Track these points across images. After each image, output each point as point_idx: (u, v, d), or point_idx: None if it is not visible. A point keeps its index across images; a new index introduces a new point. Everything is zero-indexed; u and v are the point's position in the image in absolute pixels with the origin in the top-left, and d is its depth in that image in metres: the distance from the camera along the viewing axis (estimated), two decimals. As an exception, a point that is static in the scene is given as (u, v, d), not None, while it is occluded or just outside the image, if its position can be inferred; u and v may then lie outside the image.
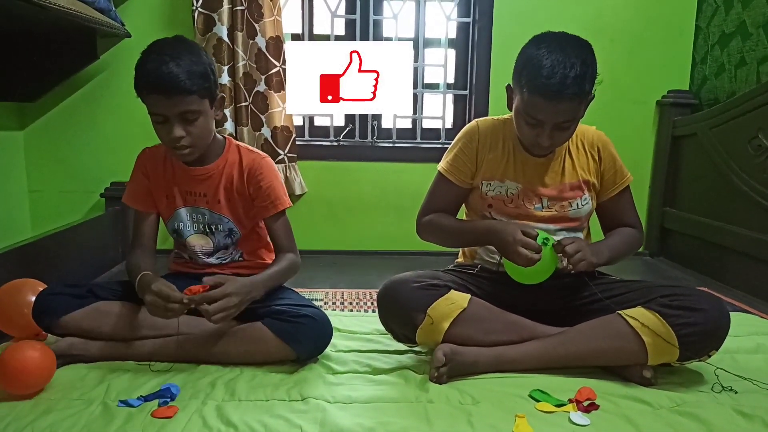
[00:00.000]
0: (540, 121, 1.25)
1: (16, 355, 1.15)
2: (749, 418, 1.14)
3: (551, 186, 1.40)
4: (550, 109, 1.22)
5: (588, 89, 1.24)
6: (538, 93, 1.22)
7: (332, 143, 2.61)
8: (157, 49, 1.30)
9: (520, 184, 1.40)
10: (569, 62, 1.20)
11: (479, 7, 2.54)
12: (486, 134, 1.43)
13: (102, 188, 2.42)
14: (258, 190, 1.43)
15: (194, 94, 1.29)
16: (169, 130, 1.30)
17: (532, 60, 1.23)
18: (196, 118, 1.31)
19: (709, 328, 1.23)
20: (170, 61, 1.26)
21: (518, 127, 1.33)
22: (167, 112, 1.29)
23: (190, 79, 1.27)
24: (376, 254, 2.60)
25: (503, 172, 1.41)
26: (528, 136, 1.31)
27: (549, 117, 1.24)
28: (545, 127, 1.26)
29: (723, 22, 2.41)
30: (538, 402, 1.19)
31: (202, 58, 1.33)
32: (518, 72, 1.28)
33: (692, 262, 2.47)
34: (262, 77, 2.33)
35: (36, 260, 1.73)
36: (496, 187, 1.41)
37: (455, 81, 2.68)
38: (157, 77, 1.26)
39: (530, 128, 1.28)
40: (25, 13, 1.82)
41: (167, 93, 1.27)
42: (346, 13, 2.56)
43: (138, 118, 2.41)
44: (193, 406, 1.15)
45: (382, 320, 1.39)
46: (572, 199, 1.41)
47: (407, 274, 1.36)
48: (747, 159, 2.12)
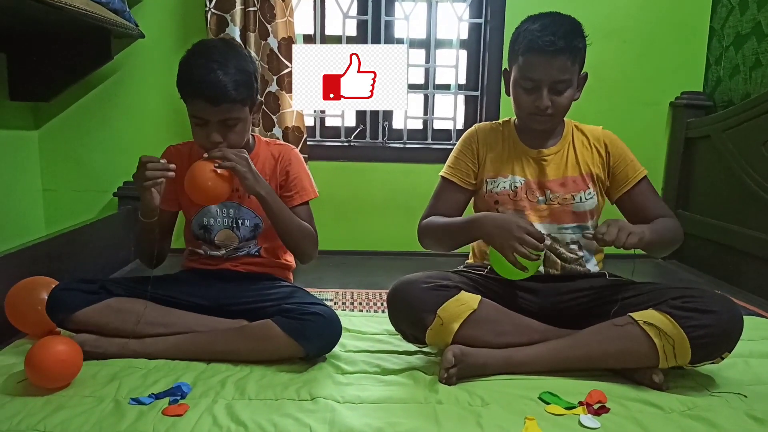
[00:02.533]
0: (537, 83, 1.32)
1: (47, 349, 1.18)
2: (762, 423, 1.13)
3: (554, 179, 1.42)
4: (544, 65, 1.30)
5: (578, 47, 1.33)
6: (532, 50, 1.31)
7: (343, 144, 2.62)
8: (206, 53, 1.32)
9: (524, 177, 1.43)
10: (559, 21, 1.33)
11: (491, 8, 2.54)
12: (485, 135, 1.48)
13: (115, 187, 2.44)
14: (285, 180, 1.49)
15: (238, 103, 1.32)
16: (208, 134, 1.33)
17: (523, 28, 1.36)
18: (235, 124, 1.35)
19: (721, 329, 1.22)
20: (218, 69, 1.28)
21: (517, 101, 1.38)
22: (209, 118, 1.32)
23: (236, 89, 1.30)
24: (386, 255, 2.60)
25: (506, 168, 1.44)
26: (526, 105, 1.35)
27: (544, 73, 1.31)
28: (542, 87, 1.32)
29: (738, 23, 2.39)
30: (548, 404, 1.18)
31: (248, 66, 1.35)
32: (512, 45, 1.39)
33: (706, 266, 2.44)
34: (274, 78, 2.33)
35: (49, 259, 1.75)
36: (500, 182, 1.44)
37: (467, 82, 2.67)
38: (205, 84, 1.28)
39: (528, 94, 1.34)
40: (40, 14, 1.84)
41: (213, 101, 1.29)
42: (357, 14, 2.56)
43: (151, 118, 2.45)
44: (204, 405, 1.15)
45: (392, 321, 1.39)
46: (575, 192, 1.41)
47: (417, 274, 1.36)
48: (762, 162, 2.09)
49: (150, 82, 2.43)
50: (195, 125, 1.35)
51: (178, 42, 2.40)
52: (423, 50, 2.63)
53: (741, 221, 2.21)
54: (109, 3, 2.03)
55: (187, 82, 1.32)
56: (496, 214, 1.33)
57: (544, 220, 1.42)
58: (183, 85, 1.33)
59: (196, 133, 1.36)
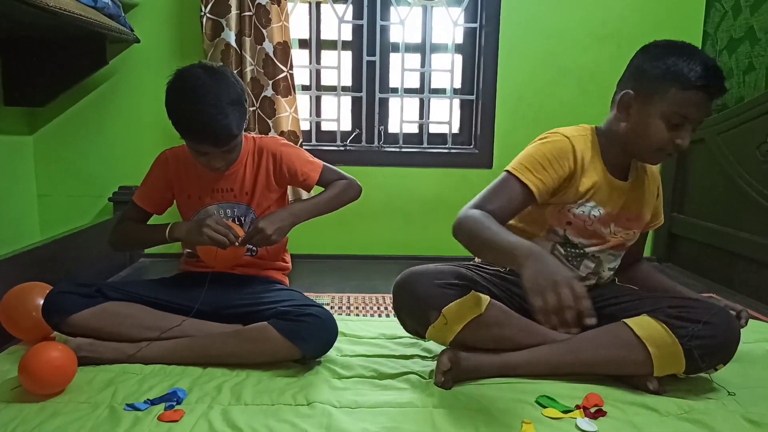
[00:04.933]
0: (686, 121, 1.24)
1: (41, 355, 1.17)
2: (757, 425, 1.13)
3: (629, 214, 1.39)
4: (706, 105, 1.24)
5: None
6: (699, 88, 1.21)
7: (339, 148, 2.62)
8: (196, 94, 1.31)
9: (604, 208, 1.35)
10: (713, 62, 1.24)
11: (486, 13, 2.55)
12: (582, 153, 1.32)
13: (110, 192, 2.44)
14: (292, 170, 1.53)
15: (239, 136, 1.38)
16: (209, 160, 1.39)
17: (679, 61, 1.22)
18: (234, 146, 1.40)
19: (716, 342, 1.21)
20: (217, 114, 1.31)
21: (651, 131, 1.26)
22: (211, 152, 1.37)
23: (238, 127, 1.35)
24: (383, 259, 2.60)
25: (594, 195, 1.34)
26: (662, 140, 1.25)
27: (702, 114, 1.24)
28: (687, 126, 1.24)
29: (731, 28, 2.41)
30: (544, 408, 1.18)
31: (238, 93, 1.37)
32: (661, 74, 1.24)
33: (700, 268, 2.45)
34: (270, 82, 2.33)
35: (44, 264, 1.74)
36: (582, 206, 1.34)
37: (462, 86, 2.68)
38: (208, 133, 1.33)
39: (670, 130, 1.24)
40: (35, 19, 1.83)
41: (219, 144, 1.35)
42: (353, 19, 2.57)
43: (146, 123, 2.45)
44: (200, 410, 1.15)
45: (395, 309, 1.34)
46: (637, 229, 1.42)
47: (429, 266, 1.31)
48: (755, 164, 2.11)
49: (145, 87, 2.43)
50: (196, 153, 1.40)
51: (174, 47, 2.40)
52: (418, 54, 2.64)
53: (735, 224, 2.22)
54: (104, 8, 2.03)
55: (187, 128, 1.35)
56: (549, 258, 1.06)
57: (606, 251, 1.40)
58: (182, 130, 1.36)
59: (197, 158, 1.41)
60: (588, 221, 1.35)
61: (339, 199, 1.55)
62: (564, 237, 1.37)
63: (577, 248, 1.38)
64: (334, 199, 1.54)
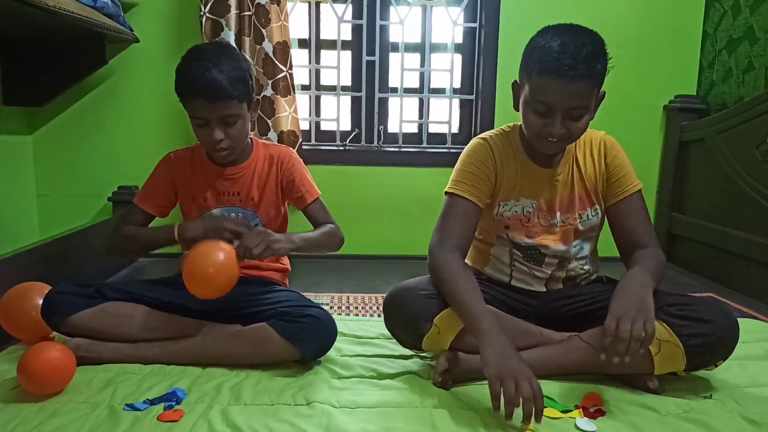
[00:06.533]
0: (551, 108, 1.19)
1: (40, 355, 1.17)
2: (757, 425, 1.13)
3: (564, 199, 1.37)
4: (561, 90, 1.17)
5: (600, 71, 1.19)
6: (549, 72, 1.16)
7: (338, 148, 2.62)
8: (199, 55, 1.36)
9: (535, 200, 1.35)
10: (580, 41, 1.17)
11: (485, 13, 2.55)
12: (499, 152, 1.36)
13: (109, 192, 2.44)
14: (291, 183, 1.51)
15: (235, 99, 1.35)
16: (210, 133, 1.36)
17: (541, 43, 1.20)
18: (235, 121, 1.38)
19: (716, 339, 1.21)
20: (213, 68, 1.31)
21: (526, 120, 1.26)
22: (209, 116, 1.35)
23: (231, 84, 1.33)
24: (382, 259, 2.59)
25: (518, 190, 1.35)
26: (536, 128, 1.23)
27: (560, 99, 1.18)
28: (556, 113, 1.20)
29: (731, 27, 2.41)
30: (544, 408, 1.18)
31: (241, 63, 1.39)
32: (526, 60, 1.24)
33: (700, 268, 2.45)
34: (269, 82, 2.33)
35: (43, 264, 1.74)
36: (512, 206, 1.36)
37: (461, 86, 2.68)
38: (201, 83, 1.31)
39: (539, 118, 1.22)
40: (34, 19, 1.83)
41: (211, 98, 1.32)
42: (352, 19, 2.57)
43: (146, 123, 2.45)
44: (199, 410, 1.15)
45: (388, 327, 1.37)
46: (582, 210, 1.38)
47: (414, 280, 1.34)
48: (755, 164, 2.11)
49: (144, 86, 2.42)
50: (196, 126, 1.38)
51: (173, 47, 2.40)
52: (418, 54, 2.64)
53: (735, 224, 2.22)
54: (103, 7, 2.03)
55: (183, 83, 1.35)
56: (509, 346, 1.13)
57: (558, 243, 1.37)
58: (180, 87, 1.36)
59: (199, 134, 1.39)
60: (524, 218, 1.36)
61: (327, 243, 1.49)
62: (511, 241, 1.38)
63: (532, 248, 1.38)
64: (323, 240, 1.48)
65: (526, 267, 1.40)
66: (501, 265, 1.43)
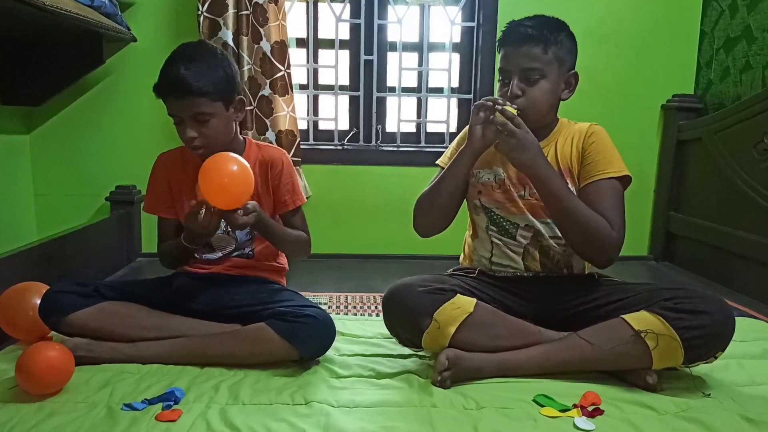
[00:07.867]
0: (508, 73, 1.34)
1: (38, 355, 1.17)
2: (755, 424, 1.13)
3: None
4: (513, 53, 1.33)
5: (552, 39, 1.32)
6: (504, 40, 1.36)
7: (337, 147, 2.62)
8: (174, 54, 1.38)
9: (505, 171, 1.42)
10: (537, 16, 1.36)
11: (483, 12, 2.55)
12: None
13: (107, 192, 2.43)
14: (278, 185, 1.49)
15: (204, 97, 1.33)
16: (183, 131, 1.36)
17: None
18: (207, 119, 1.36)
19: (713, 330, 1.22)
20: (182, 65, 1.32)
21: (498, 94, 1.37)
22: (180, 114, 1.35)
23: (198, 82, 1.32)
24: (380, 258, 2.59)
25: (491, 159, 1.43)
26: (502, 96, 1.34)
27: (513, 62, 1.33)
28: (513, 77, 1.33)
29: (728, 27, 2.41)
30: (542, 407, 1.18)
31: (218, 62, 1.37)
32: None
33: (697, 267, 2.45)
34: (267, 81, 2.33)
35: (41, 263, 1.73)
36: (485, 174, 1.44)
37: (459, 85, 2.68)
38: (168, 80, 1.33)
39: (502, 87, 1.36)
40: (32, 18, 1.83)
41: (176, 95, 1.33)
42: (350, 18, 2.57)
43: (143, 122, 2.44)
44: (197, 410, 1.15)
45: (387, 325, 1.38)
46: None
47: (412, 278, 1.36)
48: (752, 163, 2.11)
49: (142, 86, 2.39)
50: (174, 123, 1.38)
51: (171, 46, 2.33)
52: (416, 53, 2.64)
53: (732, 223, 2.22)
54: (101, 6, 2.02)
55: (158, 81, 1.36)
56: None
57: (525, 214, 1.41)
58: (155, 86, 1.37)
59: (178, 133, 1.39)
60: (494, 185, 1.43)
61: (295, 247, 1.52)
62: (483, 207, 1.44)
63: (504, 220, 1.43)
64: (294, 241, 1.51)
65: (501, 242, 1.44)
66: (484, 242, 1.47)
